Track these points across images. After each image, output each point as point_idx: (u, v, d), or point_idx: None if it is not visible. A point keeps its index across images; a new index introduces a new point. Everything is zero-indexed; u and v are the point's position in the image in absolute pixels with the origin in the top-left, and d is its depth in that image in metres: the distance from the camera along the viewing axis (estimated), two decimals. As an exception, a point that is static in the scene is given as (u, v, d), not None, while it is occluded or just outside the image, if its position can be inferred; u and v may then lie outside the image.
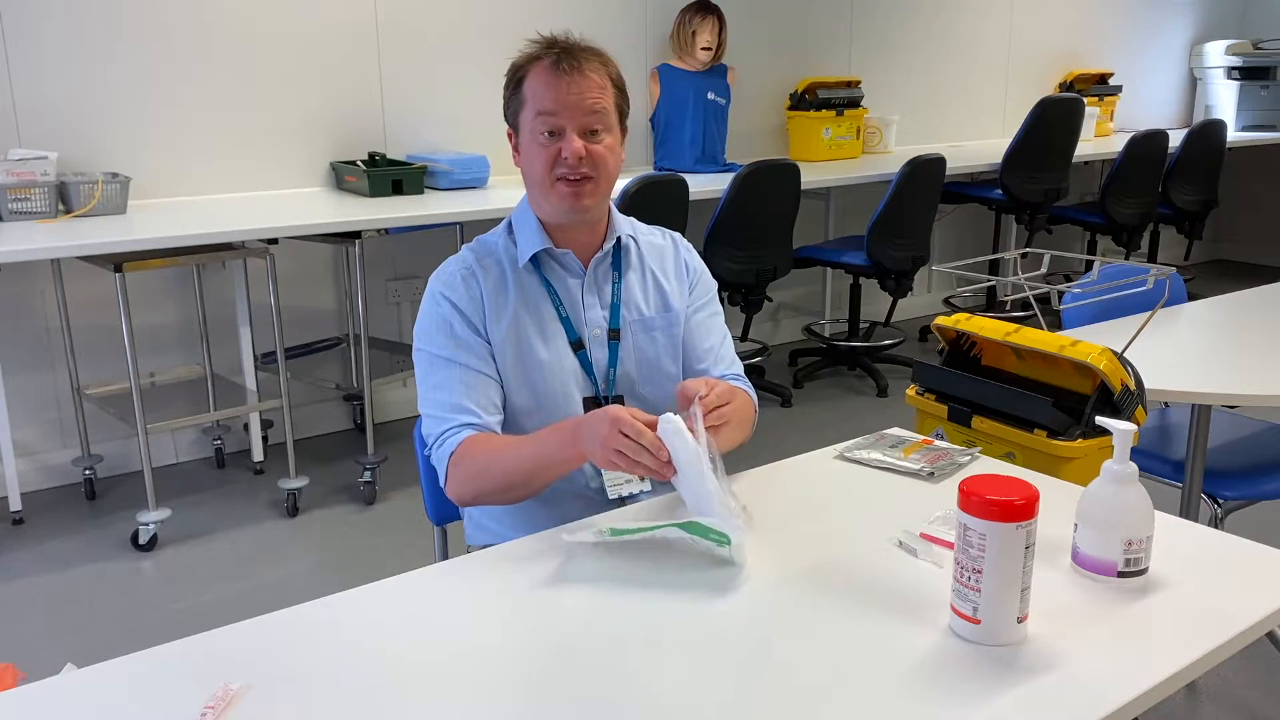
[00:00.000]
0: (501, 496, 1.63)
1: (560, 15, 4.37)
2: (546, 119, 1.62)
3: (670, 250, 1.83)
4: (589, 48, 1.67)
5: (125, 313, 3.10)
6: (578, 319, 1.72)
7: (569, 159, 1.61)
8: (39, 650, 2.66)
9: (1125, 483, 1.27)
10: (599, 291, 1.74)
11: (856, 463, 1.69)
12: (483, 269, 1.70)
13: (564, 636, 1.19)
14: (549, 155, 1.63)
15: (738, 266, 4.14)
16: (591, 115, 1.63)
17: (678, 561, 1.36)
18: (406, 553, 3.16)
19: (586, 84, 1.62)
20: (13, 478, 3.29)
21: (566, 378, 1.69)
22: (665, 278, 1.80)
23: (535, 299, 1.70)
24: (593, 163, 1.63)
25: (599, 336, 1.72)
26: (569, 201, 1.64)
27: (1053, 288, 2.20)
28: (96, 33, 3.51)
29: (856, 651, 1.15)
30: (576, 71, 1.62)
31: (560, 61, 1.62)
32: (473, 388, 1.64)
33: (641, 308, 1.76)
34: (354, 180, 3.87)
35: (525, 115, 1.65)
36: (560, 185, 1.63)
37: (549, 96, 1.62)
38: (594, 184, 1.64)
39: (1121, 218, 5.44)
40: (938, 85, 5.88)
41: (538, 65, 1.64)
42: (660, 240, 1.84)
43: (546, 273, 1.72)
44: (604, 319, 1.73)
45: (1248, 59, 6.73)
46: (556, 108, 1.61)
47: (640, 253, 1.79)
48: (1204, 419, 2.24)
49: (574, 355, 1.70)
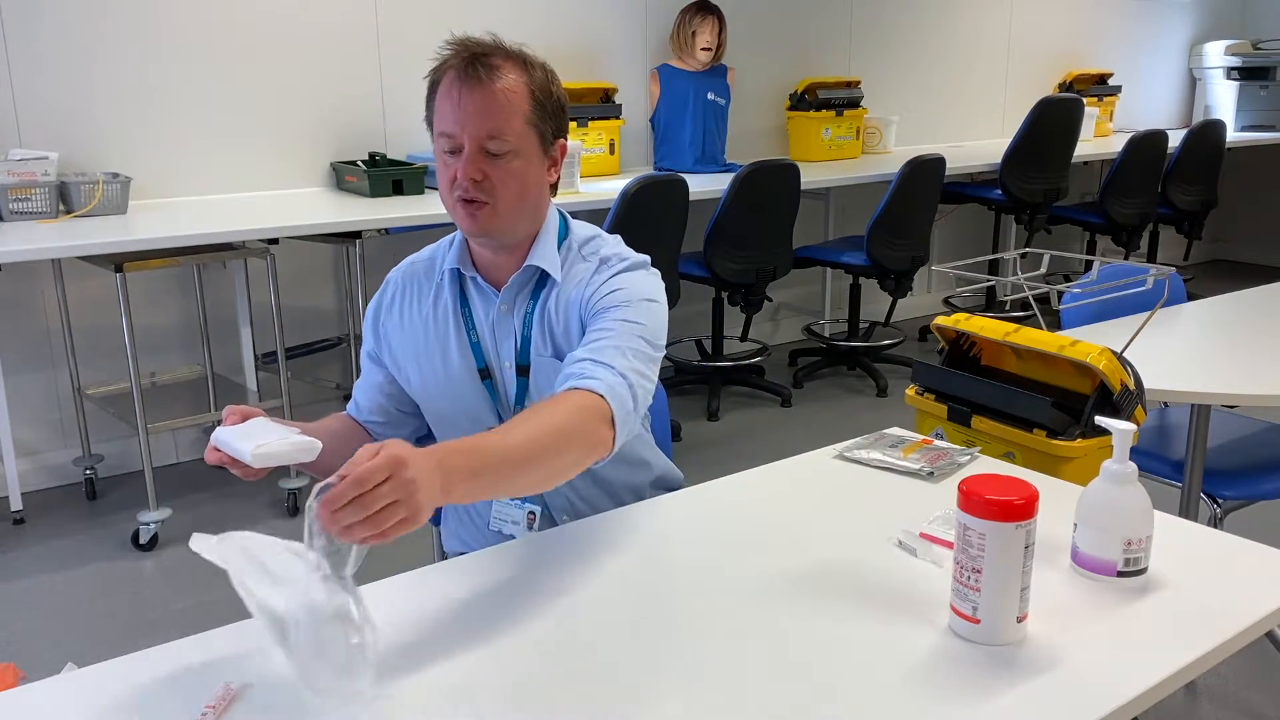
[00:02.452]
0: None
1: (560, 15, 4.37)
2: (444, 138, 1.48)
3: (593, 274, 1.58)
4: (504, 52, 1.51)
5: (126, 313, 3.10)
6: (487, 346, 1.61)
7: (458, 179, 1.47)
8: (39, 650, 2.66)
9: (1125, 482, 1.27)
10: (514, 321, 1.59)
11: (856, 462, 1.69)
12: (411, 277, 1.67)
13: (563, 637, 1.19)
14: (449, 174, 1.49)
15: (738, 266, 4.15)
16: (491, 137, 1.46)
17: (677, 561, 1.37)
18: (406, 553, 3.15)
19: (490, 99, 1.46)
20: (13, 477, 3.30)
21: (470, 402, 1.61)
22: (579, 309, 1.57)
23: (447, 318, 1.61)
24: (489, 187, 1.47)
25: (508, 369, 1.60)
26: (467, 224, 1.51)
27: (1052, 288, 2.20)
28: (97, 33, 3.51)
29: (856, 651, 1.15)
30: (480, 84, 1.46)
31: (465, 71, 1.47)
32: (361, 392, 1.71)
33: (557, 342, 1.57)
34: (354, 180, 3.87)
35: (434, 128, 1.50)
36: (459, 206, 1.49)
37: (449, 113, 1.47)
38: (491, 209, 1.48)
39: (1121, 218, 5.44)
40: (938, 85, 5.88)
41: (447, 74, 1.49)
42: (588, 264, 1.60)
43: (469, 293, 1.62)
44: (514, 351, 1.60)
45: (1247, 59, 6.73)
46: (454, 127, 1.46)
47: (561, 285, 1.58)
48: (1203, 419, 2.24)
49: (481, 383, 1.61)
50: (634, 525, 1.49)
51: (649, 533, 1.46)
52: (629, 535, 1.45)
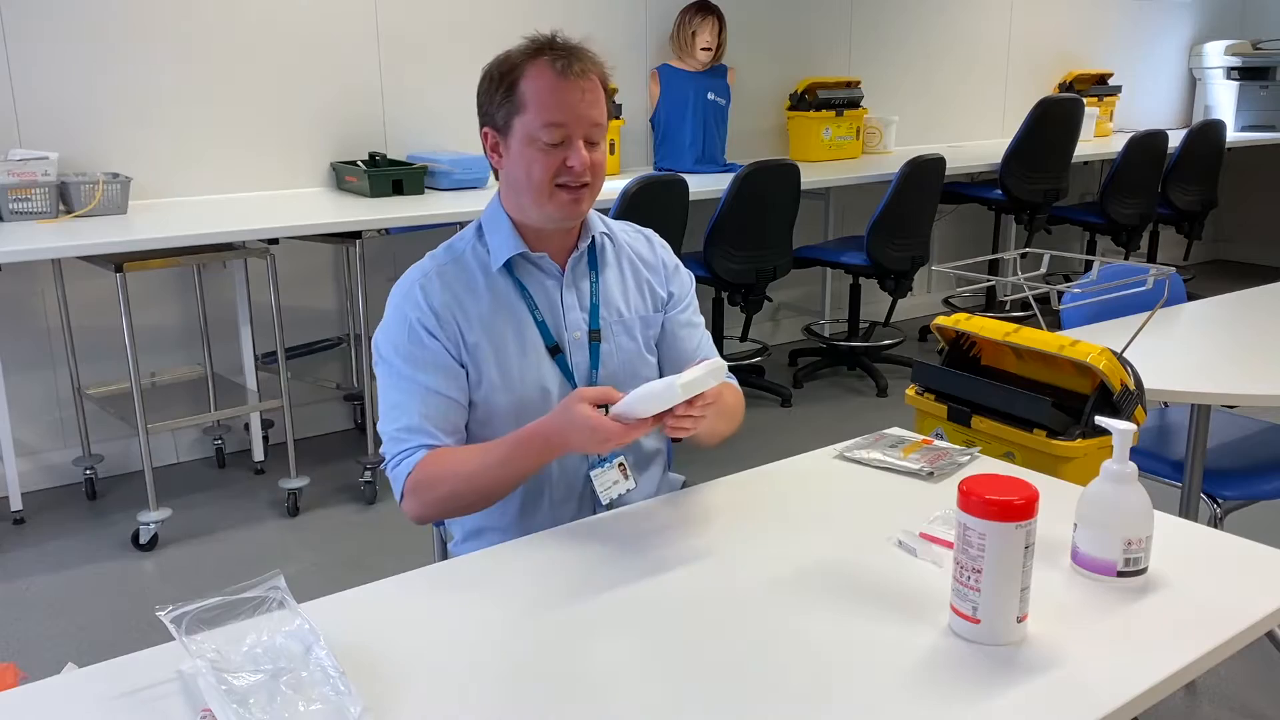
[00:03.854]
0: (464, 512, 1.62)
1: (560, 15, 4.37)
2: (554, 129, 1.56)
3: (645, 247, 1.79)
4: (586, 51, 1.62)
5: (126, 313, 3.10)
6: (555, 323, 1.67)
7: (575, 168, 1.57)
8: (39, 650, 2.66)
9: (1125, 482, 1.27)
10: (577, 293, 1.69)
11: (856, 462, 1.69)
12: (445, 277, 1.63)
13: (561, 637, 1.19)
14: (552, 164, 1.57)
15: (738, 266, 4.15)
16: (595, 126, 1.59)
17: (676, 561, 1.37)
18: (406, 553, 3.16)
19: (594, 92, 1.59)
20: (13, 478, 3.30)
21: (545, 383, 1.65)
22: (641, 275, 1.75)
23: (509, 304, 1.64)
24: (594, 171, 1.60)
25: (579, 339, 1.67)
26: (567, 210, 1.60)
27: (1052, 288, 2.20)
28: (97, 33, 3.52)
29: (856, 651, 1.15)
30: (582, 78, 1.57)
31: (567, 66, 1.56)
32: (430, 409, 1.59)
33: (620, 307, 1.71)
34: (354, 180, 3.87)
35: (524, 121, 1.57)
36: (560, 194, 1.59)
37: (555, 105, 1.56)
38: (590, 191, 1.62)
39: (1121, 218, 5.44)
40: (938, 85, 5.88)
41: (537, 67, 1.57)
42: (635, 237, 1.79)
43: (521, 276, 1.66)
44: (584, 321, 1.68)
45: (1247, 59, 6.73)
46: (565, 118, 1.56)
47: (616, 250, 1.74)
48: (1203, 419, 2.24)
49: (551, 360, 1.65)
50: (634, 525, 1.49)
51: (649, 532, 1.46)
52: (629, 535, 1.45)
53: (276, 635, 1.13)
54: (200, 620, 1.13)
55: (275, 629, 1.13)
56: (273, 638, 1.12)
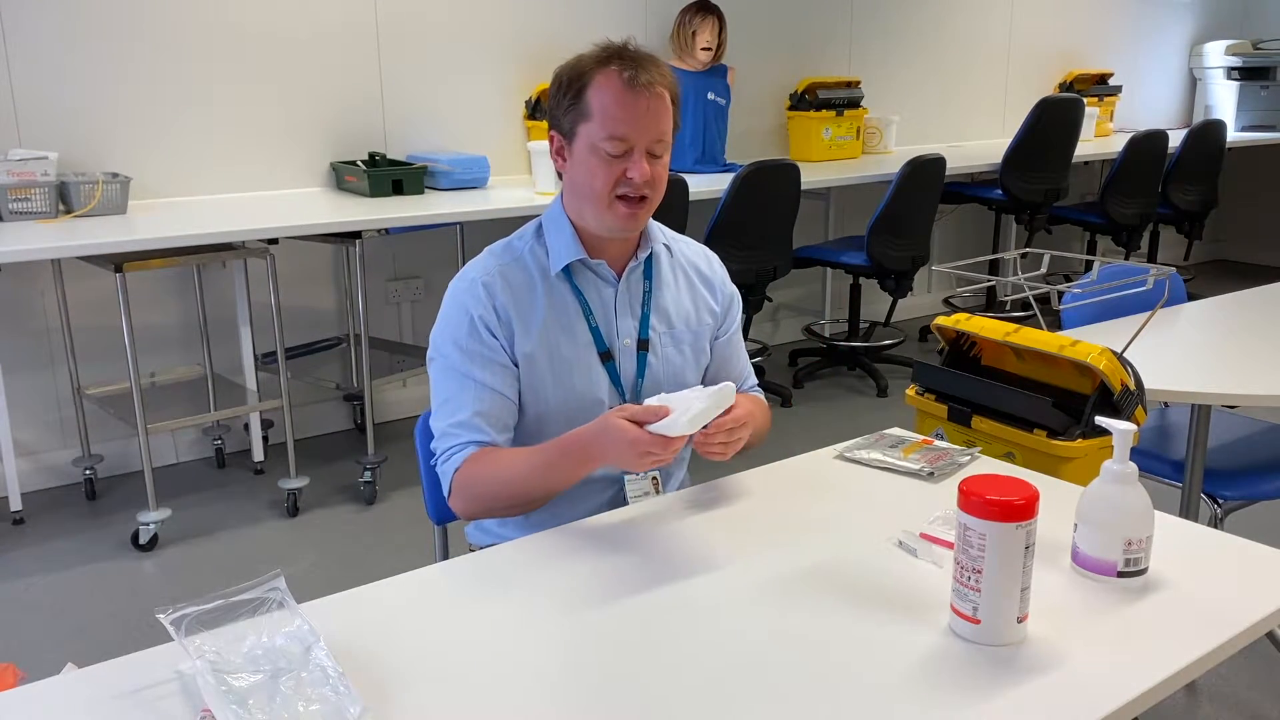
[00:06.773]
0: (506, 514, 1.65)
1: (560, 15, 4.37)
2: (617, 141, 1.56)
3: (704, 263, 1.81)
4: (656, 62, 1.60)
5: (125, 313, 3.10)
6: (608, 329, 1.68)
7: (635, 180, 1.58)
8: (39, 650, 2.66)
9: (1125, 483, 1.27)
10: (631, 301, 1.70)
11: (856, 463, 1.69)
12: (507, 277, 1.64)
13: (564, 637, 1.19)
14: (613, 174, 1.58)
15: (738, 266, 4.12)
16: (658, 140, 1.59)
17: (677, 561, 1.37)
18: (406, 553, 3.16)
19: (660, 104, 1.58)
20: (13, 478, 3.29)
21: (596, 387, 1.67)
22: (698, 291, 1.77)
23: (566, 308, 1.66)
24: (653, 184, 1.60)
25: (629, 347, 1.69)
26: (624, 222, 1.61)
27: (1052, 288, 2.20)
28: (97, 33, 3.51)
29: (856, 651, 1.15)
30: (649, 90, 1.56)
31: (635, 78, 1.56)
32: (485, 405, 1.60)
33: (671, 319, 1.73)
34: (354, 180, 3.87)
35: (589, 129, 1.58)
36: (619, 205, 1.60)
37: (622, 117, 1.56)
38: (649, 203, 1.62)
39: (1121, 218, 5.44)
40: (938, 85, 5.88)
41: (605, 76, 1.57)
42: (695, 252, 1.81)
43: (578, 281, 1.67)
44: (634, 329, 1.70)
45: (1247, 59, 6.73)
46: (628, 130, 1.56)
47: (674, 263, 1.76)
48: (1204, 419, 2.24)
49: (602, 366, 1.67)
50: (634, 525, 1.49)
51: (649, 532, 1.46)
52: (629, 535, 1.45)
53: (276, 636, 1.12)
54: (200, 621, 1.13)
55: (275, 629, 1.13)
56: (272, 638, 1.12)
